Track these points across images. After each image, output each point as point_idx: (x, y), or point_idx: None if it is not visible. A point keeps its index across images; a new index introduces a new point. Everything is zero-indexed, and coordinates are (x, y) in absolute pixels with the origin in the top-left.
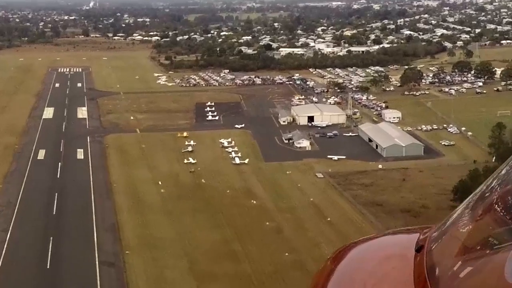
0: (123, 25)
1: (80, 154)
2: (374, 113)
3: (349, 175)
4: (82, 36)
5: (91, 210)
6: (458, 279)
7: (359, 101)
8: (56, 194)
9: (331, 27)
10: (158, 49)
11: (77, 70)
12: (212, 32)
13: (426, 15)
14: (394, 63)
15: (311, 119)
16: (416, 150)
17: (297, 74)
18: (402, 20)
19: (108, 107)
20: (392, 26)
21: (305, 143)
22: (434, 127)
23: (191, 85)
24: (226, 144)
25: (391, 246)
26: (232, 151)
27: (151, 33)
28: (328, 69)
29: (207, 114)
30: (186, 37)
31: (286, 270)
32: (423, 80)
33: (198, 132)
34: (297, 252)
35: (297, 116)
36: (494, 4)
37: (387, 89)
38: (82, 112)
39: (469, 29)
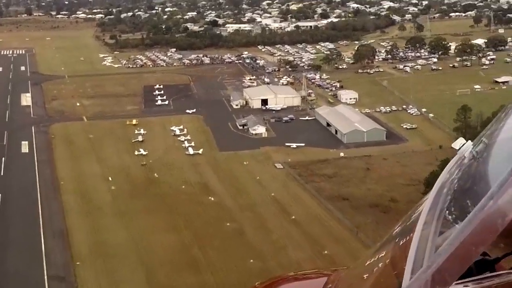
0: (66, 2)
1: (24, 147)
2: (329, 93)
3: (310, 164)
4: (25, 15)
5: (38, 214)
6: None
7: (312, 80)
8: (0, 195)
9: (276, 0)
10: (103, 27)
11: (21, 52)
12: (156, 8)
13: None
14: (344, 38)
15: (265, 102)
16: (378, 135)
17: (246, 52)
18: None
19: (53, 92)
20: None
21: (260, 129)
22: (393, 109)
23: (138, 66)
24: (178, 132)
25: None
26: (185, 139)
27: (95, 11)
28: (277, 46)
29: (156, 98)
30: (130, 14)
31: (252, 280)
32: (376, 57)
33: (147, 119)
34: (263, 258)
35: (250, 99)
36: None
37: (340, 66)
38: (26, 99)
39: (415, 1)
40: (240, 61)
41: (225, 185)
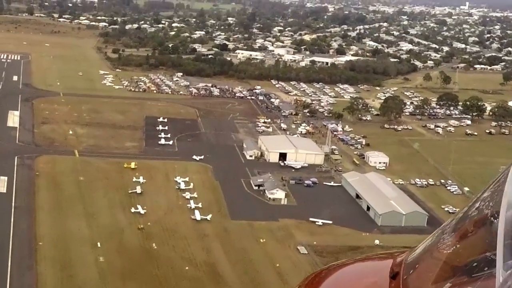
0: (70, 5)
1: (2, 185)
2: (355, 152)
3: (340, 252)
4: (26, 14)
5: None
6: None
7: (334, 132)
8: None
9: (288, 28)
10: (105, 38)
11: (16, 57)
12: (163, 22)
13: (385, 24)
14: (364, 81)
15: (283, 156)
16: (418, 220)
17: (259, 87)
18: (361, 27)
19: (45, 113)
20: (353, 34)
21: (279, 194)
22: (430, 182)
23: (141, 90)
24: (183, 185)
25: (365, 273)
26: (191, 197)
27: (99, 18)
28: (292, 82)
29: (159, 135)
30: (135, 26)
31: None
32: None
33: (148, 162)
34: None
35: (266, 151)
36: (453, 17)
37: (363, 117)
38: (14, 119)
39: (435, 45)
40: (252, 97)
41: (237, 271)
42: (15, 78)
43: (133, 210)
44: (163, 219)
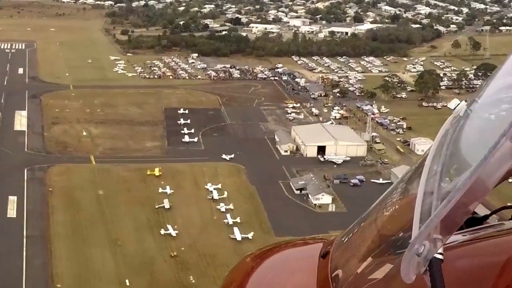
0: None
1: (11, 207)
2: (398, 139)
3: None
4: None
5: None
6: (359, 282)
7: (370, 114)
8: None
9: None
10: (113, 18)
11: (20, 46)
12: None
13: None
14: (390, 52)
15: (322, 150)
16: None
17: (281, 65)
18: None
19: (54, 111)
20: None
21: (326, 199)
22: None
23: (156, 76)
24: (215, 194)
25: (295, 254)
26: (226, 209)
27: None
28: (314, 57)
29: (182, 131)
30: (142, 2)
31: None
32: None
33: (173, 165)
34: None
35: (302, 145)
36: None
37: (398, 95)
38: (21, 120)
39: (453, 7)
40: (275, 77)
41: None
42: (20, 70)
43: (162, 231)
44: (198, 241)
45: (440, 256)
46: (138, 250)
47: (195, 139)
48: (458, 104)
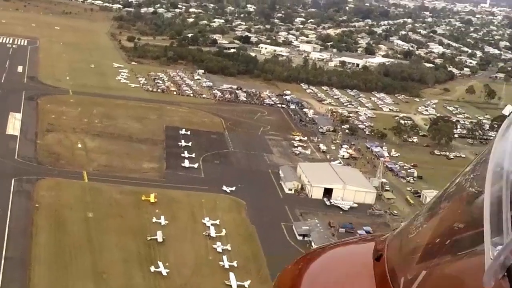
0: None
1: None
2: (408, 188)
3: None
4: None
5: None
6: (427, 285)
7: (382, 160)
8: None
9: (310, 20)
10: (120, 23)
11: (23, 42)
12: (179, 6)
13: (409, 20)
14: (401, 90)
15: (328, 192)
16: None
17: (289, 92)
18: (386, 22)
19: (50, 117)
20: (378, 30)
21: None
22: None
23: (159, 90)
24: (212, 231)
25: (348, 256)
26: (223, 250)
27: None
28: (324, 87)
29: (182, 154)
30: (151, 9)
31: None
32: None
33: (170, 192)
34: None
35: (308, 184)
36: (477, 16)
37: (409, 139)
38: (14, 124)
39: (466, 49)
40: (283, 104)
41: None
42: (19, 69)
43: (152, 269)
44: (190, 284)
45: None
46: (124, 287)
47: (196, 165)
48: None
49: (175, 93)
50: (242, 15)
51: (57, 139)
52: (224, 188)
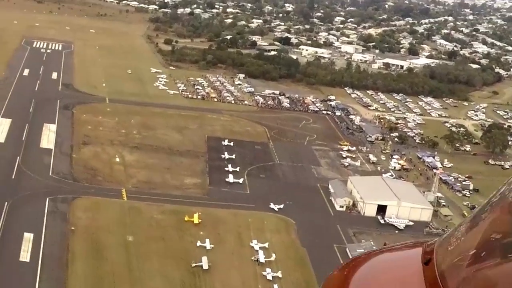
0: None
1: (25, 249)
2: (464, 203)
3: None
4: None
5: None
6: (479, 287)
7: (437, 173)
8: None
9: (350, 19)
10: (156, 24)
11: (57, 46)
12: (216, 6)
13: (450, 18)
14: (449, 94)
15: (382, 209)
16: None
17: (333, 97)
18: (427, 21)
19: (86, 128)
20: (420, 29)
21: None
22: None
23: (199, 96)
24: (261, 256)
25: (397, 261)
26: (273, 277)
27: None
28: (369, 91)
29: (226, 168)
30: (187, 10)
31: None
32: None
33: (214, 211)
34: None
35: (361, 201)
36: None
37: (461, 147)
38: (49, 136)
39: (511, 48)
40: (328, 111)
41: None
42: (54, 75)
43: None
44: None
45: None
46: None
47: (240, 180)
48: None
49: (215, 99)
50: (280, 15)
51: (93, 153)
52: (272, 206)
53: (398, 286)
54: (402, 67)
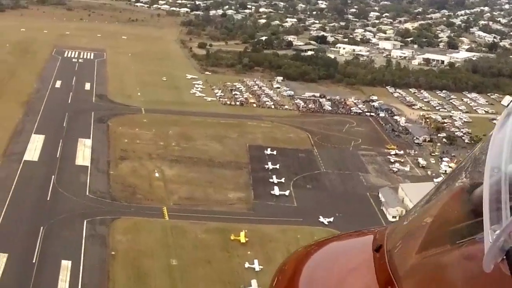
0: None
1: (63, 278)
2: None
3: None
4: None
5: None
6: (427, 274)
7: None
8: None
9: (385, 14)
10: (189, 28)
11: (89, 55)
12: (248, 6)
13: (486, 8)
14: (494, 89)
15: None
16: None
17: (375, 97)
18: (463, 12)
19: (123, 142)
20: (457, 21)
21: None
22: None
23: (237, 102)
24: None
25: (348, 248)
26: None
27: (179, 1)
28: (412, 90)
29: (270, 179)
30: (220, 11)
31: None
32: None
33: (261, 227)
34: None
35: None
36: None
37: None
38: (84, 152)
39: None
40: (371, 112)
41: None
42: (87, 86)
43: None
44: None
45: None
46: None
47: (286, 192)
48: (511, 101)
49: (254, 105)
50: (314, 13)
51: (131, 168)
52: (321, 219)
53: (348, 273)
54: (442, 62)
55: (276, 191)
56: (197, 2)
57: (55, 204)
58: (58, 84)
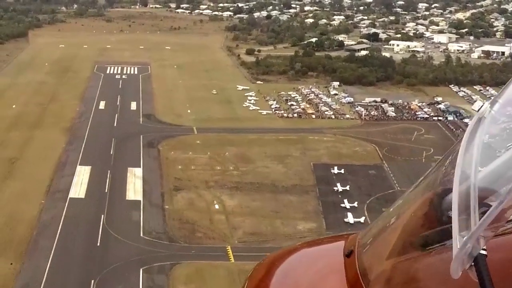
0: None
1: None
2: None
3: None
4: (139, 5)
5: None
6: (391, 279)
7: None
8: None
9: (435, 4)
10: (234, 33)
11: (132, 70)
12: (293, 6)
13: None
14: None
15: None
16: None
17: (440, 98)
18: None
19: (177, 169)
20: (510, 7)
21: None
22: None
23: (295, 114)
24: None
25: (319, 254)
26: None
27: (221, 4)
28: (476, 87)
29: (342, 204)
30: (264, 13)
31: None
32: None
33: None
34: None
35: None
36: None
37: None
38: (135, 184)
39: None
40: (438, 116)
41: None
42: (133, 105)
43: None
44: None
45: (484, 252)
46: None
47: (362, 219)
48: (481, 106)
49: (313, 116)
50: (361, 8)
51: (188, 201)
52: None
53: (319, 279)
54: (503, 53)
55: (350, 218)
56: (240, 4)
57: (106, 251)
58: (102, 105)
